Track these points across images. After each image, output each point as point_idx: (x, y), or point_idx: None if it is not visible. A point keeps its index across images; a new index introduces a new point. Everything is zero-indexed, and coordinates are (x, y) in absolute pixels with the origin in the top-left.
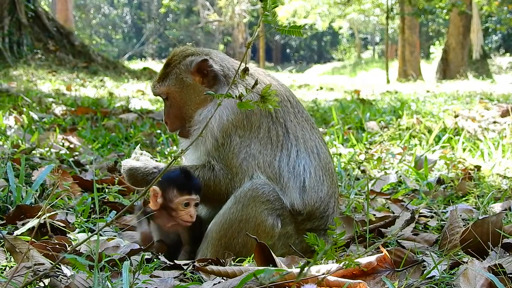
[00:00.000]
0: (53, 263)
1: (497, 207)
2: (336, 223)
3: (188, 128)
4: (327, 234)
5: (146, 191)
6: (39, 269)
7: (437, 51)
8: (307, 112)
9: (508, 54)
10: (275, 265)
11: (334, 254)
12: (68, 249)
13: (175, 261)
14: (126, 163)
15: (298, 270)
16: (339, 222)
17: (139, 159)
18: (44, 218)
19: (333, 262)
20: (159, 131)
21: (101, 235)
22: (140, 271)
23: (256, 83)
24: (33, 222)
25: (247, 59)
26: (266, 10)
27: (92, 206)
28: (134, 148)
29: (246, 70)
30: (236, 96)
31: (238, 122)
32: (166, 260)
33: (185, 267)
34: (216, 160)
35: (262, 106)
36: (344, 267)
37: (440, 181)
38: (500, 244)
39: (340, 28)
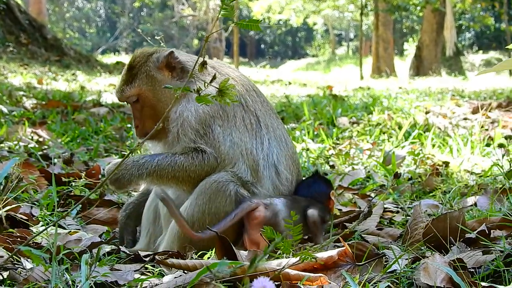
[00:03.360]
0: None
1: (468, 202)
2: (293, 217)
3: (165, 127)
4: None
5: (103, 183)
6: None
7: (410, 48)
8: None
9: (481, 51)
10: (236, 258)
11: (291, 248)
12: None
13: None
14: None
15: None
16: (296, 217)
17: None
18: (6, 211)
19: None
20: (129, 125)
21: (64, 228)
22: (97, 263)
23: (214, 77)
24: None
25: (204, 53)
26: (223, 3)
27: (57, 199)
28: (103, 142)
29: (204, 63)
30: (194, 90)
31: (215, 113)
32: (126, 251)
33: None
34: (205, 145)
35: (220, 100)
36: (301, 261)
37: (397, 176)
38: (460, 239)
39: (314, 24)
